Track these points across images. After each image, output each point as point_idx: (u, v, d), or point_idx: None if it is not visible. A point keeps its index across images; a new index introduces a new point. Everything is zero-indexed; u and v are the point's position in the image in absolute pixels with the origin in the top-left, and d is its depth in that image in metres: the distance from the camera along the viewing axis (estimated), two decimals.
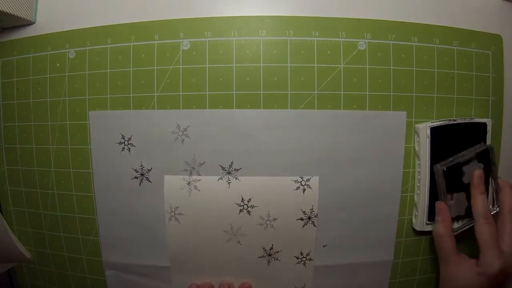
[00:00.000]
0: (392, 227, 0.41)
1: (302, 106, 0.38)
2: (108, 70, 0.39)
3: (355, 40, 0.38)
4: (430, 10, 0.39)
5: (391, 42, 0.38)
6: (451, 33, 0.39)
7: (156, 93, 0.39)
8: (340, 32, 0.38)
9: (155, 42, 0.38)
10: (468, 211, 0.38)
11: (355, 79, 0.38)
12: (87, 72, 0.40)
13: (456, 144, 0.39)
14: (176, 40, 0.38)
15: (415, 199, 0.40)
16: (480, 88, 0.41)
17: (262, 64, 0.38)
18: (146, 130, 0.39)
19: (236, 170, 0.39)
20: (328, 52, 0.38)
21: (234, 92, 0.38)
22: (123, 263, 0.42)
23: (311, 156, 0.39)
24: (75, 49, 0.40)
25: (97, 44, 0.39)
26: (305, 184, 0.39)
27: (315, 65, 0.38)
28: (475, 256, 0.35)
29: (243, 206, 0.39)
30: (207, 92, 0.38)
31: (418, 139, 0.39)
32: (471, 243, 0.37)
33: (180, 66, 0.38)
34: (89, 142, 0.40)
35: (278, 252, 0.40)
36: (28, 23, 0.41)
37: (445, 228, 0.36)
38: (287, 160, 0.39)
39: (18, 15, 0.38)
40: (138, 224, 0.41)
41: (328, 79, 0.38)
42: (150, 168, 0.40)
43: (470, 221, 0.38)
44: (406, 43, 0.39)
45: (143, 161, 0.39)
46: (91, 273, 0.44)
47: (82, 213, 0.42)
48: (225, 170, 0.39)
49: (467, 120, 0.39)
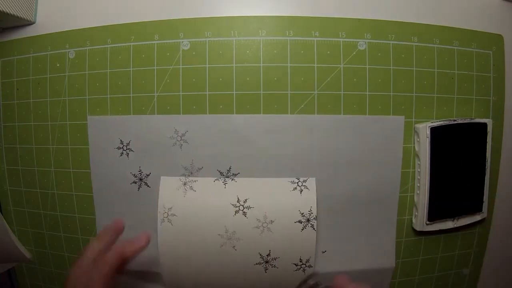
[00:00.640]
0: (391, 232, 0.41)
1: (302, 106, 0.38)
2: (108, 70, 0.39)
3: (355, 40, 0.38)
4: (430, 10, 0.39)
5: (391, 42, 0.38)
6: (451, 33, 0.39)
7: (156, 93, 0.39)
8: (340, 32, 0.38)
9: (155, 42, 0.38)
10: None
11: (355, 79, 0.38)
12: (87, 72, 0.40)
13: (456, 145, 0.39)
14: (176, 40, 0.38)
15: (415, 199, 0.40)
16: (480, 88, 0.41)
17: (262, 64, 0.38)
18: (144, 135, 0.39)
19: (234, 175, 0.39)
20: (328, 52, 0.38)
21: (234, 92, 0.38)
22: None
23: (310, 161, 0.38)
24: (75, 49, 0.40)
25: (97, 44, 0.39)
26: (301, 185, 0.38)
27: (315, 65, 0.38)
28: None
29: (239, 207, 0.38)
30: (207, 92, 0.38)
31: (418, 139, 0.39)
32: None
33: (180, 66, 0.38)
34: (89, 143, 0.40)
35: (275, 259, 0.37)
36: (28, 23, 0.41)
37: None
38: (285, 164, 0.38)
39: (18, 15, 0.38)
40: (136, 229, 0.40)
41: (328, 79, 0.38)
42: (148, 173, 0.40)
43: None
44: (406, 43, 0.38)
45: (141, 166, 0.39)
46: None
47: (82, 213, 0.42)
48: (223, 175, 0.39)
49: (468, 120, 0.39)
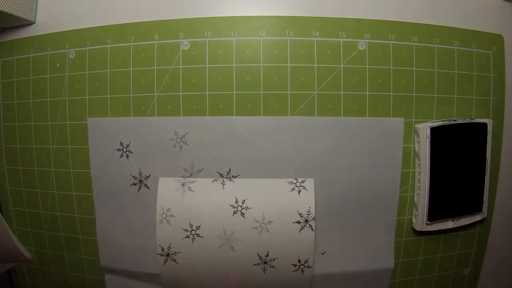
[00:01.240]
0: (391, 233, 0.40)
1: (302, 106, 0.38)
2: (108, 70, 0.39)
3: (355, 40, 0.38)
4: (430, 10, 0.39)
5: (391, 42, 0.38)
6: (451, 33, 0.39)
7: (156, 93, 0.39)
8: (340, 32, 0.38)
9: (155, 42, 0.38)
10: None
11: (355, 79, 0.38)
12: (87, 72, 0.40)
13: (456, 145, 0.39)
14: (176, 40, 0.38)
15: (415, 199, 0.40)
16: (480, 88, 0.41)
17: (262, 64, 0.38)
18: (144, 137, 0.39)
19: (234, 177, 0.39)
20: (328, 52, 0.38)
21: (234, 92, 0.38)
22: (121, 269, 0.42)
23: (310, 162, 0.38)
24: (75, 49, 0.40)
25: (97, 44, 0.39)
26: (300, 186, 0.38)
27: (315, 65, 0.38)
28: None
29: (237, 207, 0.38)
30: (207, 92, 0.38)
31: (418, 139, 0.39)
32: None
33: (180, 66, 0.38)
34: (88, 145, 0.40)
35: (274, 260, 0.37)
36: (28, 23, 0.41)
37: None
38: (286, 166, 0.38)
39: (18, 15, 0.38)
40: (136, 231, 0.41)
41: (328, 79, 0.38)
42: (148, 175, 0.39)
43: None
44: (406, 43, 0.38)
45: (141, 167, 0.39)
46: (91, 273, 0.44)
47: (82, 213, 0.42)
48: (223, 177, 0.39)
49: (468, 121, 0.39)
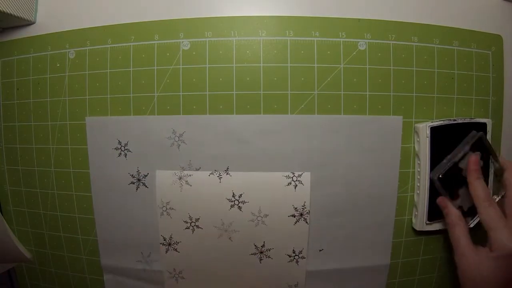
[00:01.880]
0: (389, 231, 0.41)
1: (302, 106, 0.38)
2: (108, 70, 0.39)
3: (355, 40, 0.38)
4: (430, 10, 0.39)
5: (391, 42, 0.38)
6: (451, 33, 0.39)
7: (156, 93, 0.39)
8: (340, 32, 0.38)
9: (155, 42, 0.38)
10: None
11: (355, 79, 0.38)
12: (87, 72, 0.40)
13: (456, 144, 0.39)
14: (176, 40, 0.38)
15: (415, 199, 0.40)
16: (480, 88, 0.41)
17: (262, 64, 0.38)
18: (142, 136, 0.39)
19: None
20: (328, 52, 0.38)
21: (234, 92, 0.38)
22: (121, 267, 0.42)
23: (308, 161, 0.38)
24: (75, 49, 0.40)
25: (97, 44, 0.39)
26: (296, 180, 0.38)
27: (315, 65, 0.38)
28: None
29: (234, 201, 0.39)
30: (207, 92, 0.38)
31: (418, 139, 0.39)
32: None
33: (180, 66, 0.38)
34: (87, 144, 0.40)
35: (270, 250, 0.39)
36: (28, 23, 0.41)
37: (455, 218, 0.36)
38: (283, 165, 0.38)
39: (18, 15, 0.38)
40: (135, 229, 0.41)
41: (328, 79, 0.38)
42: (146, 174, 0.40)
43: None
44: (406, 43, 0.39)
45: (139, 166, 0.39)
46: (91, 273, 0.44)
47: (82, 213, 0.42)
48: (219, 171, 0.39)
49: (467, 120, 0.39)
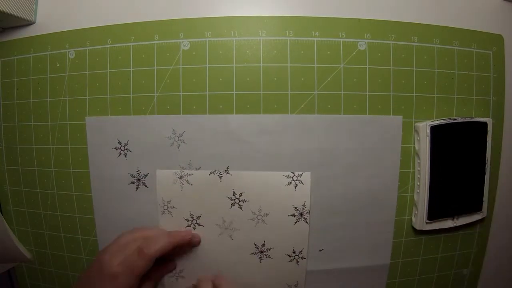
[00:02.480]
0: (389, 231, 0.41)
1: (302, 106, 0.38)
2: (108, 70, 0.39)
3: (355, 40, 0.38)
4: (430, 10, 0.39)
5: (391, 42, 0.38)
6: (451, 33, 0.39)
7: (156, 93, 0.39)
8: (340, 32, 0.38)
9: (155, 42, 0.38)
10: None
11: (355, 79, 0.38)
12: (87, 72, 0.40)
13: (456, 143, 0.39)
14: (176, 40, 0.38)
15: (415, 198, 0.40)
16: (480, 89, 0.41)
17: (262, 64, 0.38)
18: (142, 136, 0.39)
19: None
20: (328, 52, 0.38)
21: (234, 92, 0.38)
22: None
23: (308, 160, 0.38)
24: (75, 49, 0.40)
25: (97, 44, 0.39)
26: (296, 180, 0.38)
27: (315, 65, 0.38)
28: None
29: (234, 200, 0.39)
30: (207, 92, 0.38)
31: (418, 138, 0.39)
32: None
33: (180, 66, 0.38)
34: (87, 144, 0.40)
35: (270, 249, 0.39)
36: (28, 23, 0.41)
37: None
38: (283, 165, 0.38)
39: (18, 15, 0.38)
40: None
41: (328, 79, 0.38)
42: (146, 173, 0.40)
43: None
44: (406, 43, 0.38)
45: (139, 166, 0.39)
46: None
47: (82, 213, 0.42)
48: (219, 170, 0.39)
49: (468, 119, 0.39)
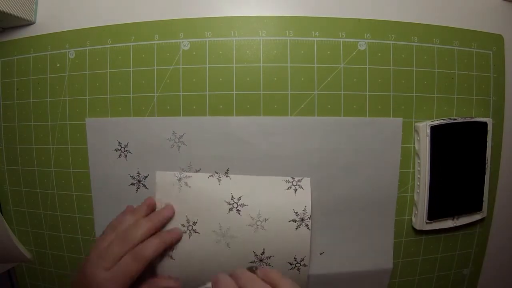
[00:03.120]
0: (390, 233, 0.41)
1: (302, 106, 0.38)
2: (108, 70, 0.39)
3: (355, 40, 0.38)
4: (430, 10, 0.39)
5: (391, 42, 0.38)
6: (451, 33, 0.39)
7: (156, 93, 0.39)
8: (340, 32, 0.38)
9: (155, 42, 0.38)
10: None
11: (355, 79, 0.38)
12: (87, 72, 0.40)
13: (456, 143, 0.39)
14: (176, 40, 0.38)
15: (415, 198, 0.40)
16: (480, 89, 0.41)
17: (262, 64, 0.38)
18: (142, 137, 0.39)
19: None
20: (328, 52, 0.38)
21: (234, 92, 0.38)
22: None
23: (308, 162, 0.38)
24: (75, 49, 0.40)
25: (97, 44, 0.39)
26: (296, 184, 0.38)
27: (315, 65, 0.38)
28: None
29: (233, 204, 0.37)
30: (207, 92, 0.38)
31: (418, 138, 0.39)
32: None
33: (180, 66, 0.38)
34: (87, 145, 0.40)
35: (270, 258, 0.37)
36: (28, 23, 0.41)
37: None
38: (284, 166, 0.38)
39: (18, 15, 0.38)
40: None
41: (328, 79, 0.38)
42: (146, 175, 0.39)
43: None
44: (406, 43, 0.38)
45: (139, 168, 0.39)
46: None
47: (82, 213, 0.42)
48: (219, 173, 0.39)
49: (468, 119, 0.39)
